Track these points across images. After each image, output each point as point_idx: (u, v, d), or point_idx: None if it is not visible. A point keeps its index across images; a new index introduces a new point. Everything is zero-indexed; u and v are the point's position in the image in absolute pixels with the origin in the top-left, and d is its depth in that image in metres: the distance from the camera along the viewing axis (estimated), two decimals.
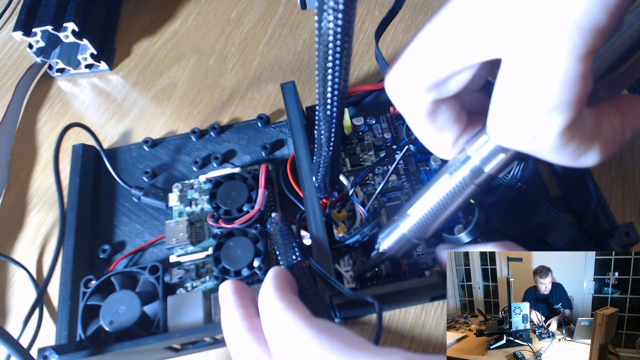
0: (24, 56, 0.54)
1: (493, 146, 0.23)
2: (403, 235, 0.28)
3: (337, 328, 0.22)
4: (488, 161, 0.23)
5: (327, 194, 0.33)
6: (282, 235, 0.30)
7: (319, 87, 0.23)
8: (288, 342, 0.22)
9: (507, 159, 0.23)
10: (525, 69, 0.18)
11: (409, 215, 0.28)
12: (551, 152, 0.19)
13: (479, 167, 0.24)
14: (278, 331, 0.23)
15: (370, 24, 0.49)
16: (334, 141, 0.27)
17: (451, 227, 0.35)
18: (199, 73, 0.49)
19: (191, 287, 0.36)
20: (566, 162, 0.20)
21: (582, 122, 0.19)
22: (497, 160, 0.23)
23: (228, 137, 0.43)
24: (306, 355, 0.21)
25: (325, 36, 0.20)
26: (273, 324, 0.24)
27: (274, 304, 0.24)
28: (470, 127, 0.25)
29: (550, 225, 0.33)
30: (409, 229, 0.28)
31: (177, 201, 0.40)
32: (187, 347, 0.35)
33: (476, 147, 0.24)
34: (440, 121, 0.24)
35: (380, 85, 0.42)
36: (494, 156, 0.23)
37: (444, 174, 0.26)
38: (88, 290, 0.35)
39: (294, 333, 0.22)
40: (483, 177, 0.24)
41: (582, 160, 0.20)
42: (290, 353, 0.22)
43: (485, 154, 0.23)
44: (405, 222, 0.28)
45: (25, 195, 0.45)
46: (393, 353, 0.20)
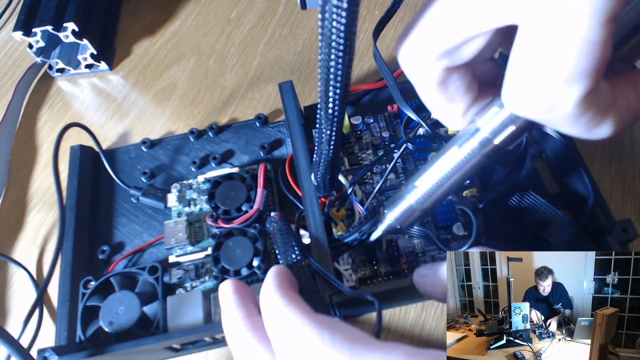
0: (24, 56, 0.54)
1: (503, 118, 0.23)
2: (410, 206, 0.28)
3: (339, 323, 0.22)
4: (498, 133, 0.23)
5: (326, 193, 0.33)
6: (281, 235, 0.30)
7: (321, 86, 0.23)
8: (290, 338, 0.22)
9: (517, 130, 0.22)
10: (544, 35, 0.17)
11: (416, 186, 0.27)
12: (566, 122, 0.19)
13: (488, 139, 0.23)
14: (280, 328, 0.23)
15: (370, 24, 0.49)
16: (335, 140, 0.27)
17: (450, 225, 0.35)
18: (199, 73, 0.49)
19: (190, 287, 0.36)
20: (579, 133, 0.19)
21: (599, 92, 0.18)
22: (507, 132, 0.23)
23: (226, 137, 0.43)
24: (309, 350, 0.21)
25: (329, 34, 0.20)
26: (275, 320, 0.23)
27: (275, 301, 0.24)
28: (481, 98, 0.24)
29: (548, 222, 0.33)
30: (416, 200, 0.28)
31: (175, 201, 0.40)
32: (187, 347, 0.35)
33: (486, 118, 0.23)
34: (451, 90, 0.23)
35: (378, 85, 0.42)
36: (504, 128, 0.23)
37: (452, 145, 0.25)
38: (87, 291, 0.35)
39: (296, 329, 0.22)
40: (491, 149, 0.24)
41: (595, 132, 0.19)
42: (293, 349, 0.22)
43: (495, 126, 0.23)
44: (413, 193, 0.28)
45: (25, 195, 0.45)
46: (394, 347, 0.20)
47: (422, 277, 0.27)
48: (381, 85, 0.42)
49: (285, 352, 0.22)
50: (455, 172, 0.26)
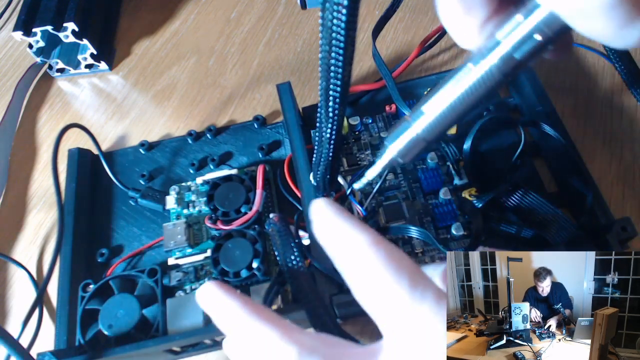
0: (24, 56, 0.54)
1: (529, 27, 0.21)
2: (417, 135, 0.25)
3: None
4: (521, 46, 0.21)
5: (325, 194, 0.33)
6: (280, 236, 0.30)
7: (321, 84, 0.23)
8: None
9: (543, 41, 0.21)
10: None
11: (423, 113, 0.24)
12: (601, 13, 0.17)
13: (509, 54, 0.21)
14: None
15: (370, 24, 0.49)
16: (335, 139, 0.26)
17: (449, 225, 0.35)
18: (199, 73, 0.49)
19: (190, 289, 0.36)
20: (612, 30, 0.18)
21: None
22: (531, 44, 0.21)
23: (224, 139, 0.43)
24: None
25: (329, 32, 0.20)
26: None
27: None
28: (500, 12, 0.22)
29: (547, 221, 0.33)
30: (423, 129, 0.25)
31: (174, 204, 0.40)
32: (187, 350, 0.35)
33: (507, 29, 0.21)
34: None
35: (376, 85, 0.42)
36: (528, 39, 0.21)
37: (467, 64, 0.23)
38: (86, 295, 0.35)
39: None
40: (512, 65, 0.22)
41: (629, 31, 0.18)
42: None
43: (518, 38, 0.21)
44: (420, 120, 0.25)
45: (25, 196, 0.45)
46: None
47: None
48: (379, 85, 0.42)
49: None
50: (470, 95, 0.23)
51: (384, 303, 0.22)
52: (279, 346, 0.22)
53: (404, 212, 0.36)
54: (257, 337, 0.23)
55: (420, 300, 0.21)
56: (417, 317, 0.20)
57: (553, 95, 0.40)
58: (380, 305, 0.22)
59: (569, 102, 0.41)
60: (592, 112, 0.40)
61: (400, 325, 0.21)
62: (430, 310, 0.20)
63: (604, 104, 0.41)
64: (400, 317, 0.21)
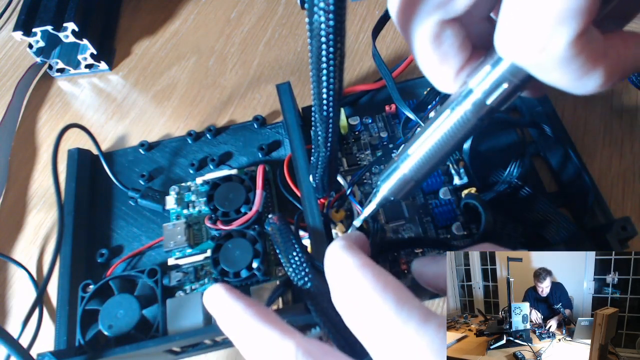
0: (24, 56, 0.54)
1: (496, 76, 0.22)
2: (404, 175, 0.27)
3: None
4: (491, 93, 0.23)
5: (325, 194, 0.33)
6: (281, 234, 0.30)
7: (313, 88, 0.23)
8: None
9: (510, 88, 0.22)
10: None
11: (409, 155, 0.26)
12: (558, 66, 0.19)
13: (481, 100, 0.23)
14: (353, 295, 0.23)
15: (370, 24, 0.49)
16: (331, 141, 0.26)
17: (449, 225, 0.35)
18: (199, 73, 0.49)
19: (190, 289, 0.36)
20: (570, 81, 0.19)
21: (591, 37, 0.18)
22: (500, 91, 0.22)
23: (224, 139, 0.43)
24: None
25: (317, 37, 0.20)
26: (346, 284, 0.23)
27: (345, 261, 0.24)
28: (473, 59, 0.24)
29: (547, 221, 0.33)
30: (409, 169, 0.27)
31: (174, 204, 0.40)
32: (187, 350, 0.35)
33: (478, 78, 0.23)
34: (444, 48, 0.23)
35: (376, 85, 0.42)
36: (496, 87, 0.22)
37: (444, 110, 0.25)
38: (86, 295, 0.35)
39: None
40: (485, 111, 0.23)
41: (585, 81, 0.19)
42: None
43: (487, 86, 0.22)
44: (406, 162, 0.27)
45: (25, 195, 0.45)
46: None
47: (423, 265, 0.27)
48: (379, 85, 0.42)
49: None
50: (449, 138, 0.25)
51: (370, 322, 0.22)
52: (277, 345, 0.23)
53: (404, 212, 0.36)
54: (257, 340, 0.23)
55: (406, 320, 0.21)
56: (403, 337, 0.21)
57: (553, 96, 0.40)
58: (367, 325, 0.22)
59: (569, 102, 0.41)
60: (592, 112, 0.40)
61: (386, 345, 0.21)
62: (416, 331, 0.20)
63: (604, 104, 0.41)
64: (386, 337, 0.21)
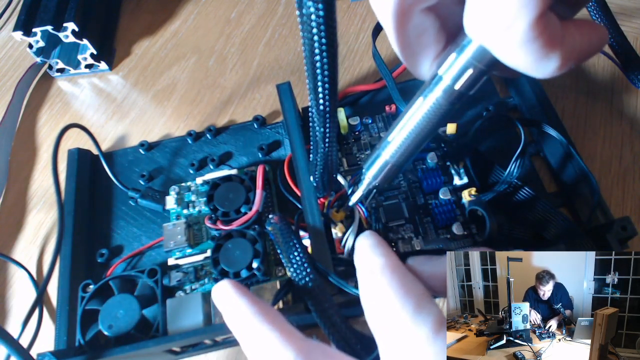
0: (24, 56, 0.54)
1: (462, 62, 0.23)
2: (386, 161, 0.29)
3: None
4: (458, 78, 0.24)
5: (325, 193, 0.33)
6: (282, 234, 0.30)
7: (309, 83, 0.23)
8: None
9: (475, 73, 0.23)
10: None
11: (389, 142, 0.28)
12: (520, 47, 0.20)
13: (450, 86, 0.24)
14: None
15: (371, 24, 0.49)
16: (329, 137, 0.26)
17: (449, 225, 0.35)
18: (199, 73, 0.49)
19: (190, 289, 0.36)
20: (530, 62, 0.20)
21: (550, 21, 0.20)
22: (466, 76, 0.24)
23: (224, 139, 0.43)
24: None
25: (309, 30, 0.20)
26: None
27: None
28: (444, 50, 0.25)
29: (547, 221, 0.33)
30: (390, 155, 0.29)
31: (174, 204, 0.40)
32: (187, 350, 0.35)
33: (446, 65, 0.24)
34: (422, 39, 0.24)
35: (376, 86, 0.42)
36: (463, 72, 0.24)
37: (418, 97, 0.26)
38: (86, 295, 0.35)
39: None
40: (455, 95, 0.25)
41: (543, 65, 0.21)
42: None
43: (455, 72, 0.24)
44: (387, 149, 0.29)
45: (25, 195, 0.45)
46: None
47: (418, 265, 0.27)
48: (379, 85, 0.42)
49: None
50: (424, 123, 0.26)
51: (387, 321, 0.23)
52: (277, 348, 0.23)
53: (404, 212, 0.36)
54: (259, 337, 0.24)
55: (421, 324, 0.22)
56: (414, 340, 0.22)
57: (553, 95, 0.40)
58: (384, 323, 0.23)
59: (569, 102, 0.41)
60: (592, 112, 0.40)
61: (397, 345, 0.22)
62: (428, 336, 0.21)
63: (604, 104, 0.41)
64: (398, 336, 0.22)
